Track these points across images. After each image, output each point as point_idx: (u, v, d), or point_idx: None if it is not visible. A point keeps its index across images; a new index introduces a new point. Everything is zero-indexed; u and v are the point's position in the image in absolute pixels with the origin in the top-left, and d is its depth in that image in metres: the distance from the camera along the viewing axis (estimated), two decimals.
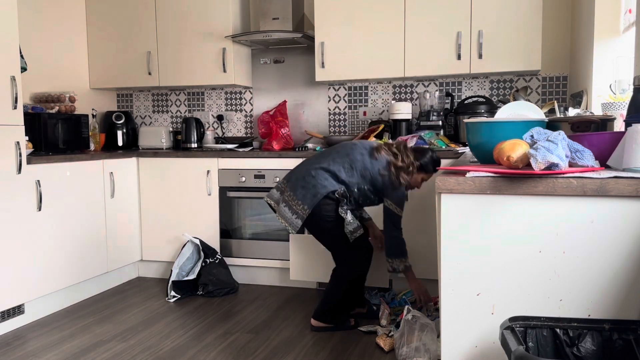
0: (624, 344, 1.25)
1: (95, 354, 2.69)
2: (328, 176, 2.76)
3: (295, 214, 2.76)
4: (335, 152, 2.84)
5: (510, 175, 1.35)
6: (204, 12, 3.99)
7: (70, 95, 3.86)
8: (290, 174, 2.88)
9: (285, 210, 2.79)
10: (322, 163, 2.79)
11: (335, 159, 2.79)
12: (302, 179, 2.78)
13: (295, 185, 2.79)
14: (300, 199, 2.75)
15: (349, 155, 2.79)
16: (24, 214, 3.05)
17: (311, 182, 2.75)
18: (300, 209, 2.75)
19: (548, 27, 3.63)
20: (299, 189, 2.77)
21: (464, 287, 1.41)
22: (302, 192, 2.75)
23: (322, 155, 2.86)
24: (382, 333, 2.77)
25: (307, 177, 2.77)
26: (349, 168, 2.76)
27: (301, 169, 2.84)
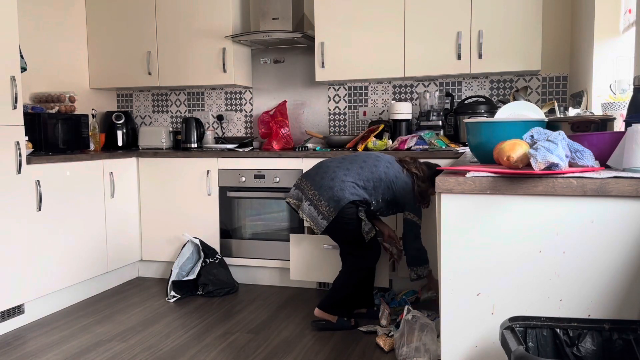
0: (624, 344, 1.25)
1: (95, 354, 2.70)
2: (355, 185, 2.79)
3: (321, 215, 2.77)
4: (362, 162, 2.87)
5: (510, 175, 1.35)
6: (204, 12, 3.99)
7: (70, 95, 3.86)
8: (314, 174, 2.87)
9: (311, 210, 2.80)
10: (350, 171, 2.82)
11: (364, 169, 2.83)
12: (331, 181, 2.78)
13: (321, 185, 2.79)
14: (326, 200, 2.75)
15: (376, 171, 2.83)
16: (24, 214, 3.05)
17: (339, 186, 2.76)
18: (326, 210, 2.76)
19: (548, 27, 3.63)
20: (325, 189, 2.77)
21: (464, 287, 1.41)
22: (328, 193, 2.76)
23: (349, 162, 2.88)
24: (382, 333, 2.77)
25: (336, 181, 2.78)
26: (375, 185, 2.81)
27: (328, 172, 2.83)
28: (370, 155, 2.93)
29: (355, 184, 2.79)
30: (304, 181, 2.88)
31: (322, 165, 2.91)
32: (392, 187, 2.84)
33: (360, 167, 2.84)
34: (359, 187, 2.80)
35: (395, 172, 2.86)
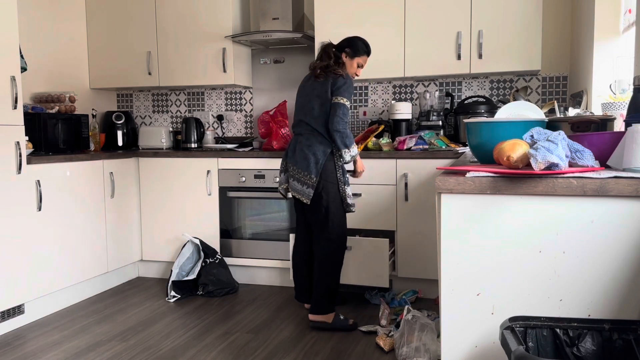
0: (624, 344, 1.25)
1: (95, 354, 2.70)
2: (319, 139, 2.90)
3: (305, 185, 2.87)
4: (302, 111, 2.98)
5: (510, 175, 1.35)
6: (204, 12, 3.99)
7: (70, 95, 3.86)
8: (285, 154, 3.02)
9: (296, 185, 2.91)
10: (303, 127, 2.94)
11: (308, 117, 2.93)
12: (300, 151, 2.90)
13: (296, 159, 2.91)
14: (304, 169, 2.87)
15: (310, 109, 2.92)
16: (24, 214, 3.05)
17: (309, 151, 2.87)
18: (308, 178, 2.87)
19: (548, 27, 3.63)
20: (300, 160, 2.89)
21: (464, 287, 1.41)
22: (303, 163, 2.88)
23: (298, 116, 3.00)
24: (382, 333, 2.77)
25: (304, 149, 2.89)
26: (321, 122, 2.90)
27: (294, 145, 2.96)
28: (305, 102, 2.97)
29: (315, 136, 2.90)
30: (283, 162, 3.04)
31: (290, 145, 3.01)
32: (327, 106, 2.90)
33: (306, 117, 2.94)
34: (317, 134, 2.90)
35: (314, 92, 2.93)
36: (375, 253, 3.27)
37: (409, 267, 3.41)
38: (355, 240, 3.33)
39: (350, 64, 3.02)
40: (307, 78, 3.07)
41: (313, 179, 2.86)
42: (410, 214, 3.36)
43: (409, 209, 3.37)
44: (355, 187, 3.44)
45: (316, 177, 2.86)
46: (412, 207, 3.36)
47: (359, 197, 3.44)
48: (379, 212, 3.42)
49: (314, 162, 2.86)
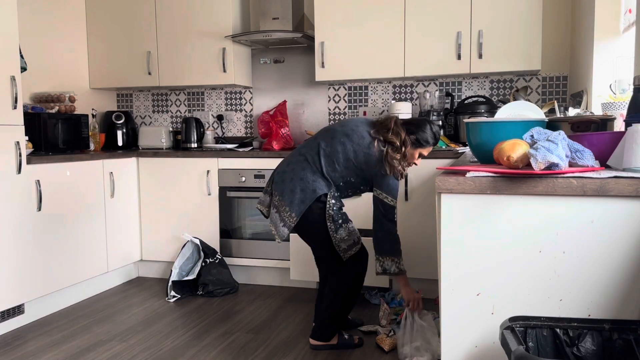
0: (624, 344, 1.25)
1: (95, 354, 2.69)
2: (316, 176, 2.49)
3: (283, 222, 2.50)
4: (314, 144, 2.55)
5: (510, 175, 1.35)
6: (204, 12, 3.99)
7: (70, 95, 3.86)
8: (275, 173, 2.62)
9: (276, 217, 2.54)
10: (306, 158, 2.52)
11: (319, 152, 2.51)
12: (290, 180, 2.50)
13: (283, 188, 2.51)
14: (288, 204, 2.48)
15: (330, 146, 2.50)
16: (24, 214, 3.05)
17: (299, 185, 2.48)
18: (288, 216, 2.48)
19: (548, 27, 3.63)
20: (287, 192, 2.49)
21: (464, 287, 1.41)
22: (289, 196, 2.48)
23: (306, 148, 2.58)
24: (382, 333, 2.77)
25: (295, 179, 2.50)
26: (331, 161, 2.50)
27: (286, 167, 2.56)
28: (336, 134, 2.52)
29: (315, 174, 2.49)
30: (270, 183, 2.65)
31: (284, 160, 2.64)
32: (353, 164, 2.49)
33: (315, 151, 2.52)
34: (319, 173, 2.50)
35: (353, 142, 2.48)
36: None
37: (409, 267, 3.40)
38: None
39: (412, 154, 2.53)
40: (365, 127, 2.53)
41: (293, 218, 2.48)
42: (410, 214, 3.36)
43: (409, 209, 3.37)
44: None
45: (297, 217, 2.47)
46: (412, 207, 3.36)
47: (359, 197, 3.43)
48: None
49: (299, 200, 2.47)
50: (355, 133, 2.50)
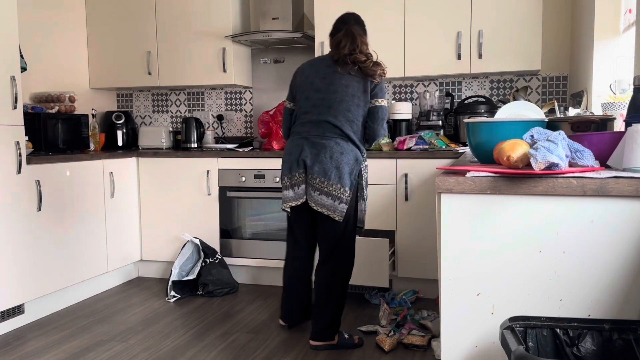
0: (624, 344, 1.25)
1: (95, 354, 2.70)
2: (349, 145, 2.54)
3: (338, 200, 2.51)
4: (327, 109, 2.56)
5: (510, 175, 1.35)
6: (204, 12, 3.99)
7: (70, 95, 3.87)
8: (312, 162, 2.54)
9: (324, 199, 2.52)
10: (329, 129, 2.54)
11: (339, 119, 2.54)
12: (330, 158, 2.51)
13: (320, 169, 2.52)
14: (337, 181, 2.50)
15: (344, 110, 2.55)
16: (24, 214, 3.05)
17: (337, 158, 2.51)
18: (342, 192, 2.51)
19: (548, 27, 3.63)
20: (330, 170, 2.50)
21: (464, 287, 1.41)
22: (336, 174, 2.50)
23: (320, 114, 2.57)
24: (382, 333, 2.77)
25: (333, 153, 2.51)
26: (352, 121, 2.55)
27: (318, 143, 2.54)
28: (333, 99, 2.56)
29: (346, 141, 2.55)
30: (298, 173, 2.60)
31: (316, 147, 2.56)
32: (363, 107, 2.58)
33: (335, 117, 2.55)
34: (349, 140, 2.56)
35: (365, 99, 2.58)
36: (375, 253, 3.27)
37: (409, 267, 3.41)
38: None
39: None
40: (328, 63, 2.61)
41: (347, 193, 2.51)
42: (410, 214, 3.36)
43: (409, 209, 3.37)
44: None
45: (351, 190, 2.53)
46: (412, 207, 3.36)
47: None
48: (379, 212, 3.42)
49: (348, 174, 2.52)
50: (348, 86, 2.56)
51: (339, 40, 2.58)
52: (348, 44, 2.56)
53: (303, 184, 2.59)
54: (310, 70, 2.64)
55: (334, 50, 2.62)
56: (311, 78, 2.62)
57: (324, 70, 2.61)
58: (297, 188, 2.60)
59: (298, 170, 2.59)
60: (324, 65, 2.62)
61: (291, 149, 2.62)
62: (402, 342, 2.72)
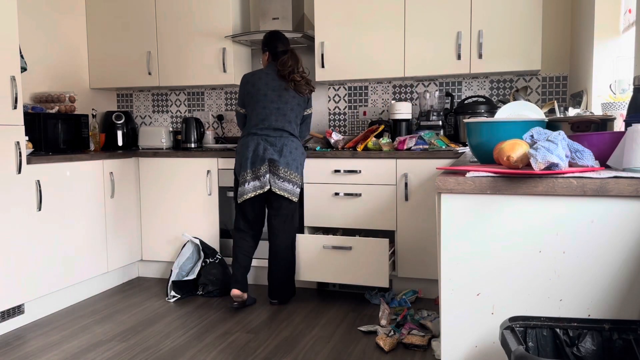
0: (624, 344, 1.25)
1: (95, 354, 2.70)
2: (297, 140, 3.27)
3: (296, 185, 3.22)
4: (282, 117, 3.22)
5: (510, 175, 1.35)
6: (204, 12, 3.99)
7: (70, 95, 3.87)
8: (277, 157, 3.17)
9: (286, 185, 3.20)
10: (286, 128, 3.22)
11: (288, 125, 3.24)
12: (289, 153, 3.20)
13: (287, 160, 3.18)
14: (295, 170, 3.21)
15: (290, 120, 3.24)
16: (24, 214, 3.05)
17: (294, 153, 3.22)
18: (298, 179, 3.23)
19: (548, 27, 3.63)
20: (291, 162, 3.20)
21: (464, 287, 1.41)
22: (294, 164, 3.21)
23: (277, 119, 3.21)
24: (382, 333, 2.77)
25: (292, 151, 3.21)
26: (296, 125, 3.29)
27: (277, 143, 3.19)
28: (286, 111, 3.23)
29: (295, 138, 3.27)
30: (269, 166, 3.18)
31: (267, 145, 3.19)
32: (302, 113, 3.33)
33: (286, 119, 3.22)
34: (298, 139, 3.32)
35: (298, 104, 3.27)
36: (375, 253, 3.27)
37: (409, 267, 3.41)
38: (355, 240, 3.33)
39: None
40: (274, 77, 3.22)
41: (300, 179, 3.26)
42: (410, 214, 3.37)
43: (409, 209, 3.37)
44: (355, 187, 3.44)
45: (301, 176, 3.29)
46: (412, 207, 3.36)
47: (359, 197, 3.44)
48: (379, 212, 3.42)
49: (300, 164, 3.26)
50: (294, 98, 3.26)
51: (286, 60, 3.21)
52: (294, 66, 3.22)
53: (267, 175, 3.18)
54: (261, 83, 3.23)
55: (280, 67, 3.22)
56: (264, 90, 3.21)
57: (274, 84, 3.23)
58: (263, 178, 3.18)
59: (262, 164, 3.17)
60: (271, 79, 3.23)
61: (251, 148, 3.19)
62: (402, 342, 2.72)
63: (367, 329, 2.92)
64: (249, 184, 3.19)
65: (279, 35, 3.34)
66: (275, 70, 3.23)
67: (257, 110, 3.21)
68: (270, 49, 3.32)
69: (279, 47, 3.29)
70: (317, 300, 3.46)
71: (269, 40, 3.33)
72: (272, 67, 3.26)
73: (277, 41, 3.31)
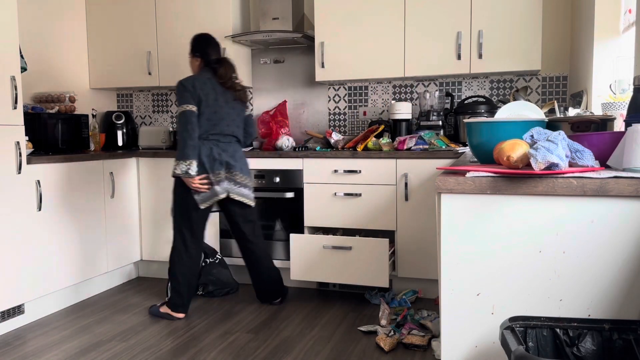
0: (624, 344, 1.25)
1: (95, 354, 2.70)
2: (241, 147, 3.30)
3: (251, 189, 3.25)
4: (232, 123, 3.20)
5: (510, 175, 1.35)
6: (204, 12, 3.99)
7: (70, 95, 3.87)
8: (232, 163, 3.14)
9: (243, 190, 3.19)
10: (235, 133, 3.22)
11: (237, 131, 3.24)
12: (241, 158, 3.22)
13: (241, 167, 3.19)
14: (248, 175, 3.24)
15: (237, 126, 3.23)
16: (24, 214, 3.05)
17: (244, 158, 3.26)
18: (251, 183, 3.26)
19: (548, 27, 3.63)
20: (244, 167, 3.22)
21: (464, 287, 1.41)
22: (246, 169, 3.24)
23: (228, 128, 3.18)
24: (382, 333, 2.77)
25: (242, 156, 3.25)
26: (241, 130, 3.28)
27: (230, 154, 3.16)
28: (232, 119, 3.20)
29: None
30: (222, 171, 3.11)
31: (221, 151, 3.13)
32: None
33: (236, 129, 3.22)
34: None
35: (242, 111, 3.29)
36: (375, 253, 3.27)
37: (409, 267, 3.41)
38: (355, 240, 3.33)
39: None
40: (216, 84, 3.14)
41: (252, 183, 3.29)
42: (410, 214, 3.37)
43: (409, 209, 3.37)
44: (355, 187, 3.44)
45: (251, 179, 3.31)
46: (412, 207, 3.36)
47: (359, 197, 3.44)
48: (379, 212, 3.42)
49: (249, 169, 3.28)
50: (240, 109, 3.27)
51: (224, 73, 3.16)
52: (232, 76, 3.20)
53: (225, 181, 3.12)
54: (210, 88, 3.12)
55: (221, 81, 3.15)
56: (214, 95, 3.13)
57: (221, 90, 3.17)
58: (223, 184, 3.12)
59: (221, 169, 3.11)
60: (218, 85, 3.16)
61: (208, 152, 3.08)
62: (402, 342, 2.73)
63: (367, 329, 2.92)
64: (215, 187, 3.09)
65: (211, 42, 3.22)
66: (215, 80, 3.14)
67: (208, 115, 3.09)
68: (202, 55, 3.19)
69: (212, 54, 3.19)
70: (317, 300, 3.46)
71: (201, 45, 3.20)
72: (208, 74, 3.13)
73: (209, 47, 3.20)
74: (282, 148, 3.74)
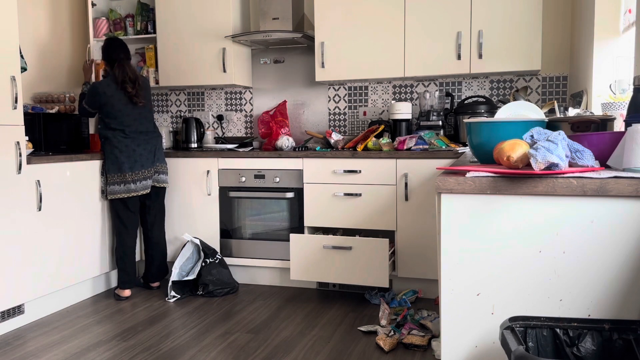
0: (624, 344, 1.25)
1: (95, 354, 2.70)
2: (160, 136, 3.74)
3: (167, 174, 3.73)
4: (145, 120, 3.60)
5: (510, 175, 1.35)
6: (204, 12, 3.99)
7: (70, 95, 3.86)
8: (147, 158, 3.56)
9: (163, 177, 3.69)
10: (150, 128, 3.63)
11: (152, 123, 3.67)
12: (158, 149, 3.66)
13: (160, 156, 3.67)
14: (164, 162, 3.71)
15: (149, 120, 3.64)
16: (24, 214, 3.05)
17: (161, 147, 3.71)
18: (166, 169, 3.74)
19: (548, 27, 3.63)
20: (161, 156, 3.69)
21: (464, 287, 1.41)
22: (162, 156, 3.70)
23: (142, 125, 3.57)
24: (382, 333, 2.77)
25: (159, 145, 3.67)
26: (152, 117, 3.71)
27: (150, 140, 3.60)
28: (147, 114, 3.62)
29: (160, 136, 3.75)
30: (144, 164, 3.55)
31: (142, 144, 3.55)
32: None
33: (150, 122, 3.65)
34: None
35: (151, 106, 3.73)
36: (375, 253, 3.27)
37: (409, 267, 3.41)
38: (355, 240, 3.33)
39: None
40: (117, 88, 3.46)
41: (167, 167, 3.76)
42: (410, 214, 3.37)
43: (409, 209, 3.37)
44: (355, 187, 3.44)
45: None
46: (412, 207, 3.36)
47: (359, 197, 3.44)
48: (379, 212, 3.42)
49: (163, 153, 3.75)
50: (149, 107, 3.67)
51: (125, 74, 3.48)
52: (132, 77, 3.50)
53: (150, 176, 3.57)
54: (115, 92, 3.45)
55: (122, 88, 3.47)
56: (119, 98, 3.45)
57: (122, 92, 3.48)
58: (145, 181, 3.55)
59: (146, 166, 3.55)
60: (122, 89, 3.46)
61: (127, 152, 3.48)
62: (402, 342, 2.73)
63: (367, 329, 2.92)
64: (134, 184, 3.50)
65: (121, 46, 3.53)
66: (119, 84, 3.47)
67: (120, 118, 3.47)
68: (109, 62, 3.52)
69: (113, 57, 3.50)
70: (317, 300, 3.46)
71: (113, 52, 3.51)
72: (113, 79, 3.47)
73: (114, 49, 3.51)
74: (282, 148, 3.74)
